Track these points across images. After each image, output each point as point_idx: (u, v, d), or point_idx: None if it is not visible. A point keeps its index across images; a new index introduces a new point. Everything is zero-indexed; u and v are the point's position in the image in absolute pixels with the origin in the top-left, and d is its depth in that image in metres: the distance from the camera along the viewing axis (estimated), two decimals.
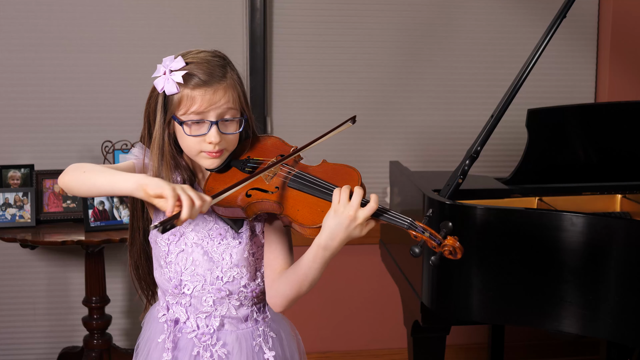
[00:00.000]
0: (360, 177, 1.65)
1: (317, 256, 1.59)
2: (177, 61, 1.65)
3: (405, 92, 3.54)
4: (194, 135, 1.65)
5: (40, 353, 3.47)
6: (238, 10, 3.41)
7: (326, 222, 1.57)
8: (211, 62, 1.67)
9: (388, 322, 3.61)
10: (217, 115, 1.65)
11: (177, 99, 1.65)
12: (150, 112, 1.70)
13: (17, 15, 3.28)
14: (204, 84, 1.64)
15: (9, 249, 3.38)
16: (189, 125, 1.65)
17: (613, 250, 2.08)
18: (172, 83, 1.64)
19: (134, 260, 1.84)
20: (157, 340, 1.77)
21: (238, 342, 1.75)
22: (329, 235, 1.56)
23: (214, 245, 1.72)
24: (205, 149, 1.66)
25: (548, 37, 2.37)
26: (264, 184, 1.66)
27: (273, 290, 1.70)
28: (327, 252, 1.58)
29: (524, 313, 2.20)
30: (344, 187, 1.58)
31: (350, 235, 1.57)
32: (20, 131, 3.33)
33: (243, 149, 1.76)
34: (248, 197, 1.64)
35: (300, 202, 1.63)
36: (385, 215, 1.58)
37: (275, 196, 1.64)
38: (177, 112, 1.66)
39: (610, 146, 2.71)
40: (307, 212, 1.61)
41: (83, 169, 1.60)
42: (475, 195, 2.54)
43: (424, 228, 1.57)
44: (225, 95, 1.65)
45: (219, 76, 1.65)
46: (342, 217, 1.55)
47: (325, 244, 1.57)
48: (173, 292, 1.74)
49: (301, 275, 1.63)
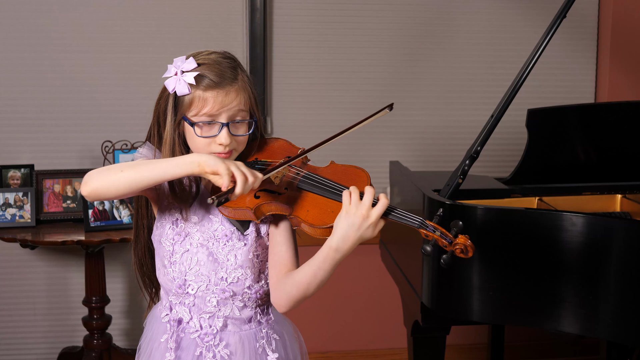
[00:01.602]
0: (369, 178, 1.65)
1: (327, 258, 1.59)
2: (189, 62, 1.66)
3: (405, 92, 3.54)
4: (205, 136, 1.65)
5: (40, 353, 3.47)
6: (238, 10, 3.41)
7: (338, 224, 1.57)
8: (222, 63, 1.67)
9: (388, 322, 3.61)
10: (228, 117, 1.65)
11: (188, 100, 1.65)
12: (160, 113, 1.70)
13: (17, 15, 3.28)
14: (216, 85, 1.64)
15: (9, 249, 3.38)
16: (200, 126, 1.65)
17: (613, 250, 2.08)
18: (184, 84, 1.64)
19: (138, 258, 1.84)
20: (160, 340, 1.77)
21: (241, 343, 1.75)
22: (341, 236, 1.57)
23: (219, 246, 1.72)
24: (215, 150, 1.66)
25: (548, 37, 2.37)
26: (273, 186, 1.67)
27: (278, 291, 1.69)
28: (338, 254, 1.59)
29: (524, 313, 2.20)
30: (353, 187, 1.58)
31: (362, 236, 1.57)
32: (20, 131, 3.33)
33: (250, 151, 1.76)
34: (257, 199, 1.64)
35: (309, 203, 1.63)
36: (396, 214, 1.58)
37: (284, 197, 1.64)
38: (188, 113, 1.66)
39: (610, 146, 2.71)
40: (317, 213, 1.61)
41: (116, 170, 1.59)
42: (475, 195, 2.54)
43: (435, 227, 1.57)
44: (237, 98, 1.66)
45: (231, 78, 1.66)
46: (355, 217, 1.55)
47: (337, 245, 1.58)
48: (177, 292, 1.74)
49: (310, 276, 1.63)
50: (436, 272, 2.27)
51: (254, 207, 1.63)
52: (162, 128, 1.70)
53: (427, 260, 2.29)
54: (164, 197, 1.73)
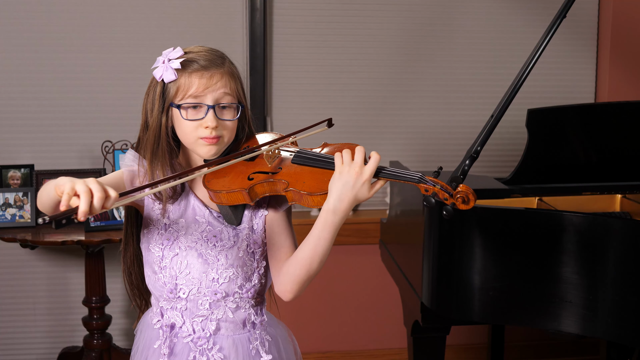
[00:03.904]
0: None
1: (326, 222, 1.60)
2: (176, 51, 1.68)
3: (405, 92, 3.54)
4: (191, 119, 1.65)
5: (40, 353, 3.47)
6: (238, 10, 3.41)
7: (332, 185, 1.58)
8: (210, 52, 1.69)
9: (388, 322, 3.61)
10: (213, 99, 1.65)
11: (174, 86, 1.66)
12: (149, 103, 1.71)
13: (17, 15, 3.28)
14: (202, 68, 1.65)
15: (9, 249, 3.38)
16: (186, 109, 1.65)
17: (613, 250, 2.08)
18: (171, 70, 1.65)
19: (127, 265, 1.82)
20: (153, 347, 1.75)
21: (235, 347, 1.74)
22: (336, 196, 1.57)
23: (208, 247, 1.70)
24: (202, 135, 1.65)
25: (548, 37, 2.37)
26: (266, 167, 1.67)
27: (281, 277, 1.69)
28: (336, 216, 1.59)
29: (523, 313, 2.20)
30: (344, 149, 1.60)
31: (357, 196, 1.57)
32: (20, 131, 3.33)
33: (240, 144, 1.76)
34: (250, 180, 1.64)
35: (305, 175, 1.64)
36: (391, 171, 1.59)
37: (278, 175, 1.64)
38: (175, 99, 1.66)
39: (610, 146, 2.71)
40: (313, 182, 1.61)
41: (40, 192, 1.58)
42: (475, 195, 2.53)
43: (435, 181, 1.58)
44: (222, 80, 1.66)
45: (218, 63, 1.67)
46: (348, 176, 1.56)
47: (334, 206, 1.58)
48: (168, 296, 1.73)
49: (311, 249, 1.63)
50: (436, 272, 2.27)
51: (248, 188, 1.63)
52: (150, 117, 1.70)
53: (427, 260, 2.29)
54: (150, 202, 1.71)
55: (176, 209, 1.72)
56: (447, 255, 2.26)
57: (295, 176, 1.63)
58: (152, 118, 1.69)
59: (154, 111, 1.69)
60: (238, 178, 1.65)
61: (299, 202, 1.62)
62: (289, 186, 1.61)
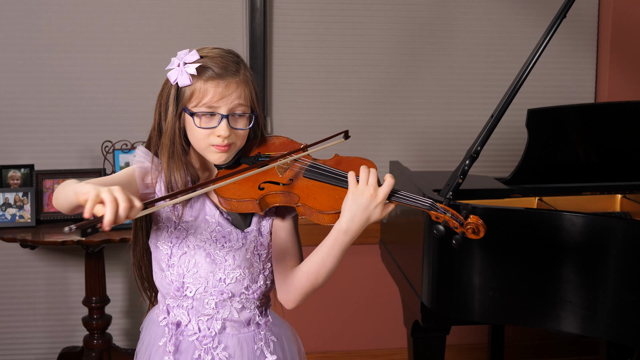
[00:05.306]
0: (375, 167, 1.66)
1: (336, 242, 1.61)
2: (192, 54, 1.67)
3: (405, 92, 3.54)
4: (204, 127, 1.65)
5: (40, 353, 3.47)
6: (238, 10, 3.41)
7: (345, 205, 1.58)
8: (225, 57, 1.69)
9: (388, 322, 3.61)
10: (228, 109, 1.65)
11: (189, 91, 1.66)
12: (162, 105, 1.71)
13: (17, 15, 3.28)
14: (217, 76, 1.65)
15: (9, 249, 3.38)
16: (200, 117, 1.65)
17: (613, 250, 2.08)
18: (186, 75, 1.65)
19: (137, 259, 1.83)
20: (158, 344, 1.76)
21: (239, 346, 1.75)
22: (349, 217, 1.58)
23: (216, 247, 1.71)
24: (214, 142, 1.66)
25: (548, 37, 2.37)
26: (277, 177, 1.67)
27: (286, 286, 1.70)
28: (347, 236, 1.60)
29: (523, 313, 2.20)
30: (361, 167, 1.60)
31: (369, 217, 1.58)
32: (20, 131, 3.33)
33: (252, 147, 1.76)
34: (261, 190, 1.64)
35: (316, 191, 1.63)
36: (404, 195, 1.59)
37: (289, 187, 1.64)
38: (188, 104, 1.66)
39: (610, 146, 2.71)
40: (325, 199, 1.61)
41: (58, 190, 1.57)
42: (475, 195, 2.54)
43: (446, 209, 1.58)
44: (237, 90, 1.66)
45: (233, 71, 1.67)
46: (363, 197, 1.57)
47: (346, 227, 1.58)
48: (175, 294, 1.73)
49: (318, 264, 1.64)
50: (436, 272, 2.28)
51: (259, 198, 1.63)
52: (164, 120, 1.70)
53: (427, 260, 2.29)
54: None
55: (188, 210, 1.73)
56: (447, 256, 2.26)
57: (306, 190, 1.63)
58: (166, 123, 1.69)
59: (167, 115, 1.69)
60: (249, 186, 1.65)
61: (309, 217, 1.63)
62: (300, 201, 1.62)
